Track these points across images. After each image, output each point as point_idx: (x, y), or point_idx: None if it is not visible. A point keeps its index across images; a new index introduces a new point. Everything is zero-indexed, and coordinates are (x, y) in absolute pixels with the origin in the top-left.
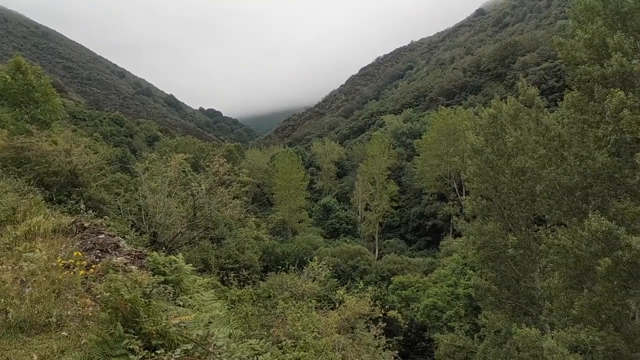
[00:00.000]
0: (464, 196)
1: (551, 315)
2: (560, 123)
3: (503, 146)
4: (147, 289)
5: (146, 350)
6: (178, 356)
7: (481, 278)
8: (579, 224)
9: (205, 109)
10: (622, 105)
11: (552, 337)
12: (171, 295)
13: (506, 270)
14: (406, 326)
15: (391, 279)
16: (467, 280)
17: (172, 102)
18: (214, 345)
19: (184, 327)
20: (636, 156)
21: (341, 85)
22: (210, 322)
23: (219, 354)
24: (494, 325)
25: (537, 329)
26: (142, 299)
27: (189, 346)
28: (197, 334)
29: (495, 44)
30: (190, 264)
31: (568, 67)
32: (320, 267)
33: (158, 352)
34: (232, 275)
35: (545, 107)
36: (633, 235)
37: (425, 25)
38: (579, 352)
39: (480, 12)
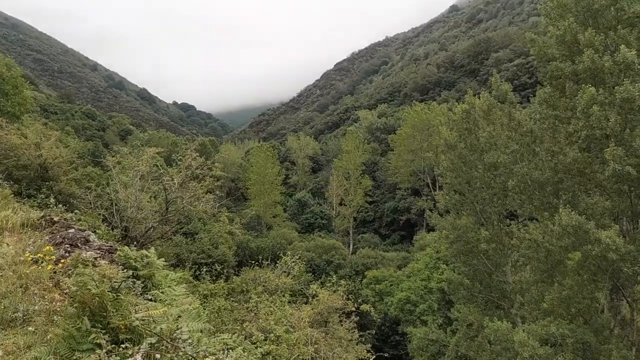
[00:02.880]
0: (437, 191)
1: (522, 308)
2: (533, 119)
3: (476, 141)
4: (115, 284)
5: (113, 345)
6: (144, 350)
7: (454, 272)
8: (550, 218)
9: (179, 102)
10: (593, 102)
11: (523, 331)
12: (140, 289)
13: (478, 264)
14: (380, 320)
15: (365, 273)
16: (440, 274)
17: (145, 96)
18: (180, 339)
19: (153, 320)
20: (606, 152)
21: (316, 80)
22: (179, 317)
23: (184, 347)
24: (467, 318)
25: (509, 323)
26: (110, 293)
27: (153, 340)
28: (161, 328)
29: (469, 40)
30: (163, 259)
31: (540, 64)
32: (294, 261)
33: (123, 346)
34: (204, 270)
35: (518, 103)
36: (602, 230)
37: (399, 20)
38: (549, 344)
39: (454, 8)
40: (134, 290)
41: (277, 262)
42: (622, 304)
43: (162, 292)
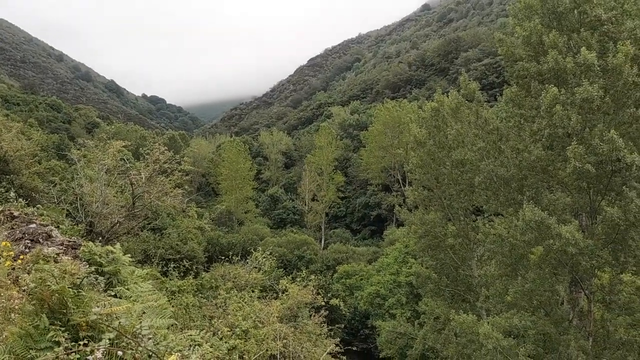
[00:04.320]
0: (406, 187)
1: (487, 301)
2: (499, 117)
3: (444, 139)
4: (78, 280)
5: (73, 343)
6: (104, 346)
7: (422, 266)
8: (514, 214)
9: (149, 95)
10: (556, 101)
11: (488, 323)
12: (104, 286)
13: (445, 258)
14: (349, 314)
15: (336, 268)
16: (408, 269)
17: (113, 88)
18: (140, 334)
19: (116, 317)
20: (567, 150)
21: (289, 76)
22: (143, 313)
23: (144, 343)
24: (434, 311)
25: (474, 315)
26: (71, 289)
27: (112, 335)
28: (119, 322)
29: (440, 39)
30: (129, 255)
31: (507, 64)
32: (265, 257)
33: (82, 342)
34: (172, 266)
35: (485, 101)
36: (563, 225)
37: (372, 18)
38: (512, 336)
39: (426, 7)
40: (97, 287)
41: (248, 257)
42: (581, 296)
43: (127, 289)
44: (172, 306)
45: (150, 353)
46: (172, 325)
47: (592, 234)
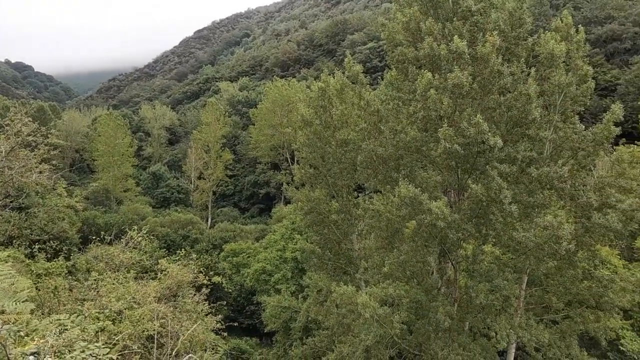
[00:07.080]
0: (295, 165)
1: (366, 273)
2: (380, 99)
3: (330, 119)
4: None
5: None
6: None
7: (307, 242)
8: (391, 191)
9: (13, 61)
10: (430, 86)
11: (366, 293)
12: None
13: (329, 233)
14: (236, 292)
15: (223, 246)
16: (294, 245)
17: None
18: None
19: None
20: (439, 131)
21: (174, 47)
22: None
23: None
24: (317, 285)
25: (354, 287)
26: None
27: None
28: None
29: (328, 21)
30: None
31: (389, 48)
32: (140, 236)
33: None
34: (37, 247)
35: (369, 84)
36: (433, 201)
37: None
38: (388, 305)
39: None
40: None
41: (123, 237)
42: (448, 266)
43: None
44: (38, 290)
45: None
46: (37, 310)
47: (459, 209)
